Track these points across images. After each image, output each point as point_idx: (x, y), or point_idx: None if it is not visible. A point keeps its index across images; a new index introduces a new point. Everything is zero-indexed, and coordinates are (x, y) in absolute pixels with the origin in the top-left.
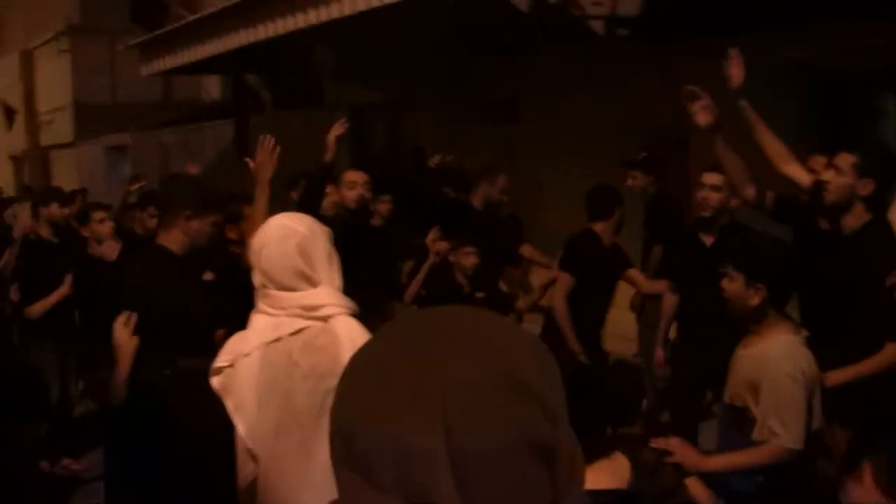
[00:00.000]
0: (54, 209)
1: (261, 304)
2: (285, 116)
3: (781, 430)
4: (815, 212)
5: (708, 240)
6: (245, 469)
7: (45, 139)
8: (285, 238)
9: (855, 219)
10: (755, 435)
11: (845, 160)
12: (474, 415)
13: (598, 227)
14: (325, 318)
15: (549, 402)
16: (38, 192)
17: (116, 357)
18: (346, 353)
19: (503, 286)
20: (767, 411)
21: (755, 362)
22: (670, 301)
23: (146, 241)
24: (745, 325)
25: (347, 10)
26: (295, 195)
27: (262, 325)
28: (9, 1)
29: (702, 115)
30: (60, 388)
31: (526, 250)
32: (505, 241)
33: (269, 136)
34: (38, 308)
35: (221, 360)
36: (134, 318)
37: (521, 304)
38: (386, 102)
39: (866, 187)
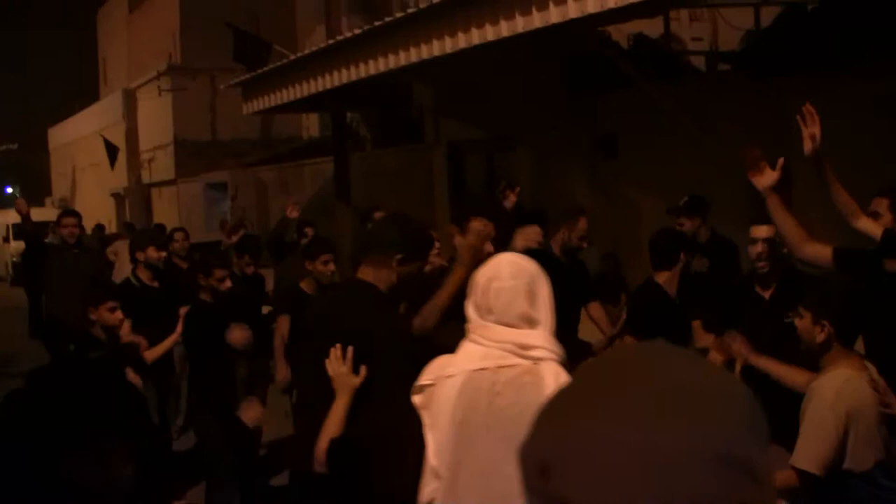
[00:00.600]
0: (151, 252)
1: (473, 334)
2: (384, 154)
3: (799, 450)
4: (882, 255)
5: (766, 293)
6: (428, 486)
7: (147, 176)
8: (516, 275)
9: None
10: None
11: None
12: (674, 483)
13: (662, 277)
14: (535, 360)
15: (755, 461)
16: (136, 236)
17: (335, 392)
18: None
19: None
20: (800, 436)
21: (808, 394)
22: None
23: (253, 279)
24: (816, 362)
25: (448, 48)
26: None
27: (472, 352)
28: (111, 42)
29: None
30: (160, 424)
31: (594, 310)
32: (574, 292)
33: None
34: (153, 354)
35: (425, 379)
36: (350, 351)
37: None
38: (484, 139)
39: None
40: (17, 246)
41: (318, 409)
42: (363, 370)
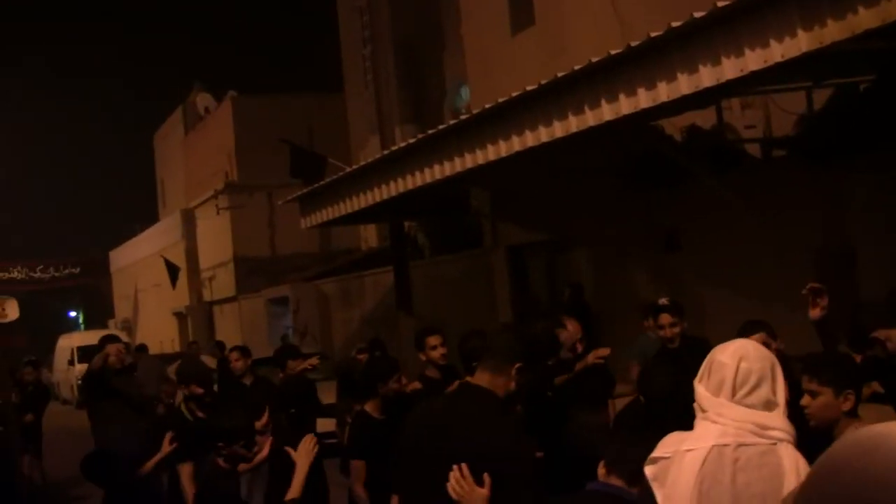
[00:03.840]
0: (195, 389)
1: (709, 412)
2: (444, 261)
3: None
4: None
5: None
6: None
7: (208, 294)
8: (764, 358)
9: None
10: None
11: None
12: None
13: None
14: (773, 441)
15: None
16: (180, 368)
17: None
18: (790, 480)
19: None
20: None
21: None
22: None
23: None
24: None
25: (502, 152)
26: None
27: (708, 430)
28: (168, 163)
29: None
30: None
31: None
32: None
33: None
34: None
35: (660, 451)
36: (465, 469)
37: None
38: (543, 241)
39: None
40: (82, 368)
41: None
42: (487, 480)
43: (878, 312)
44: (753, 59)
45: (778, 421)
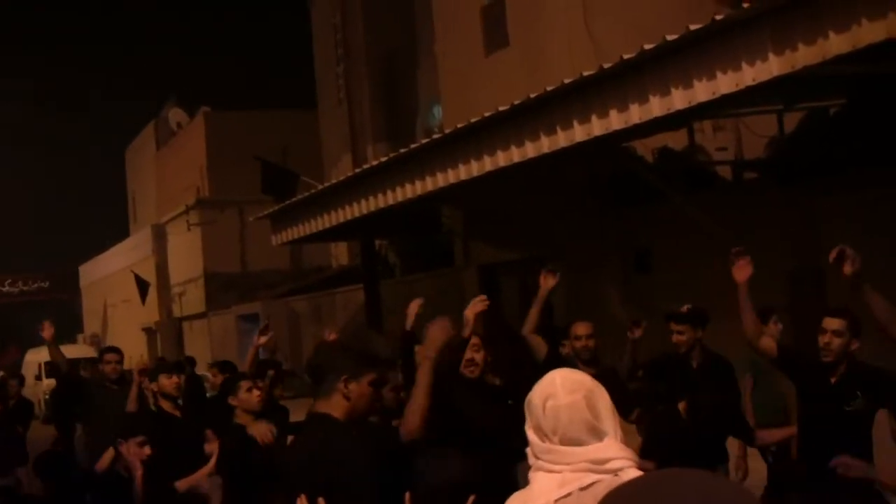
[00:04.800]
0: (164, 381)
1: (538, 462)
2: (415, 279)
3: None
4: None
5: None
6: None
7: (178, 310)
8: (573, 390)
9: None
10: None
11: None
12: None
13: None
14: (615, 472)
15: None
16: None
17: None
18: None
19: None
20: None
21: None
22: None
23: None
24: None
25: (474, 172)
26: None
27: (546, 483)
28: (140, 178)
29: (846, 266)
30: None
31: None
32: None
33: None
34: (185, 484)
35: None
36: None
37: None
38: (515, 260)
39: None
40: (49, 384)
41: None
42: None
43: None
44: (725, 83)
45: (612, 450)
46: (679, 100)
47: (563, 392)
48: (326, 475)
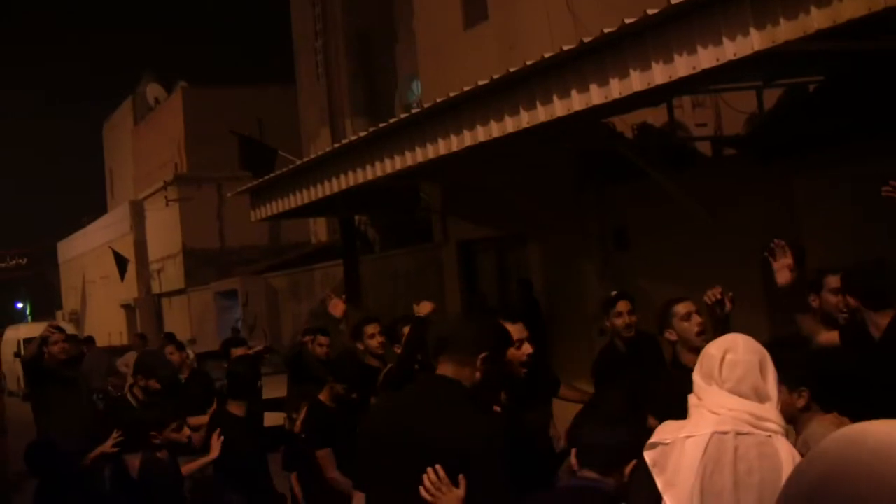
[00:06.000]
0: (153, 385)
1: (704, 401)
2: (394, 255)
3: None
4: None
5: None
6: None
7: (157, 287)
8: (752, 351)
9: None
10: None
11: None
12: None
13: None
14: (768, 433)
15: None
16: (138, 363)
17: None
18: (787, 470)
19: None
20: None
21: None
22: None
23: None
24: None
25: (454, 147)
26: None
27: (705, 418)
28: (118, 154)
29: (781, 273)
30: None
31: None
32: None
33: None
34: (187, 470)
35: (659, 437)
36: (441, 471)
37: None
38: (494, 237)
39: None
40: None
41: None
42: (463, 481)
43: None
44: (706, 57)
45: (772, 413)
46: (659, 74)
47: (743, 350)
48: (463, 448)
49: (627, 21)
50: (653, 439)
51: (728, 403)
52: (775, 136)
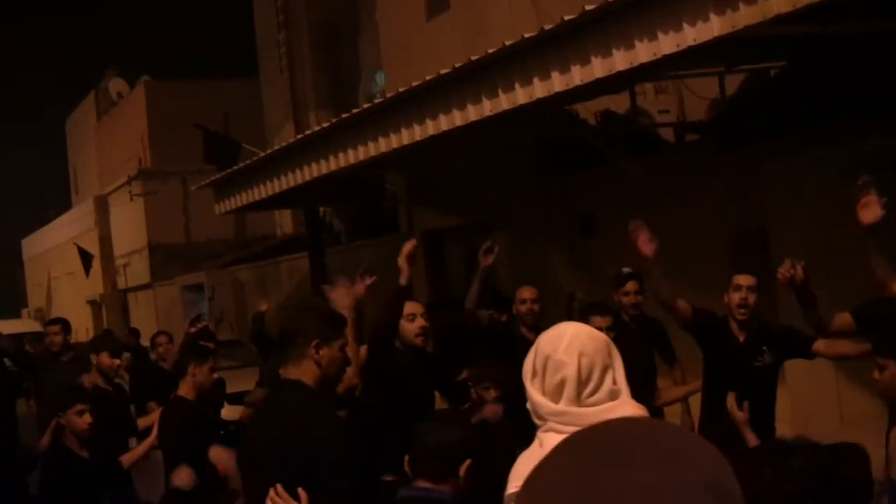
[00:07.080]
0: (104, 358)
1: (551, 423)
2: (360, 246)
3: None
4: None
5: (741, 336)
6: None
7: (122, 282)
8: (599, 347)
9: None
10: None
11: None
12: None
13: None
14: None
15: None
16: (92, 341)
17: None
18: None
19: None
20: None
21: None
22: None
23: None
24: None
25: (417, 136)
26: None
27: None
28: (81, 149)
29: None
30: None
31: None
32: None
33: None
34: (129, 459)
35: (515, 485)
36: (280, 488)
37: None
38: (460, 226)
39: None
40: None
41: None
42: (303, 495)
43: None
44: (667, 43)
45: (627, 408)
46: (621, 61)
47: (593, 349)
48: (305, 457)
49: (588, 8)
50: (509, 489)
51: (581, 420)
52: (738, 122)
